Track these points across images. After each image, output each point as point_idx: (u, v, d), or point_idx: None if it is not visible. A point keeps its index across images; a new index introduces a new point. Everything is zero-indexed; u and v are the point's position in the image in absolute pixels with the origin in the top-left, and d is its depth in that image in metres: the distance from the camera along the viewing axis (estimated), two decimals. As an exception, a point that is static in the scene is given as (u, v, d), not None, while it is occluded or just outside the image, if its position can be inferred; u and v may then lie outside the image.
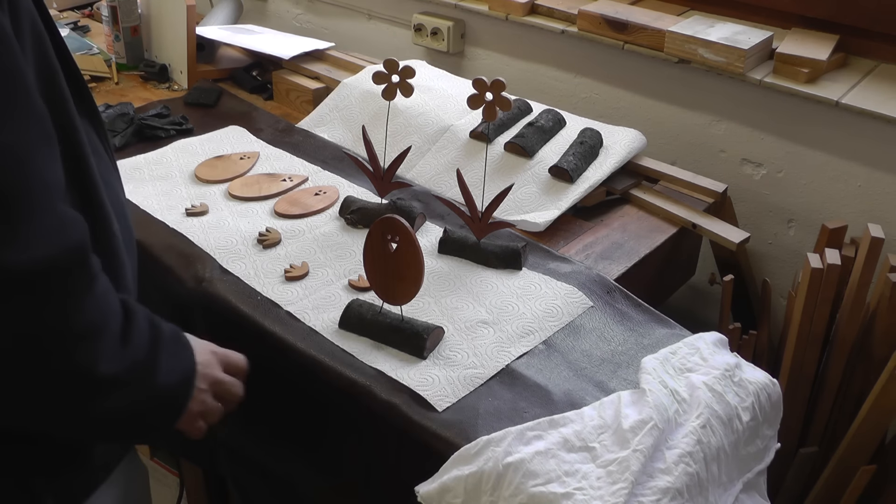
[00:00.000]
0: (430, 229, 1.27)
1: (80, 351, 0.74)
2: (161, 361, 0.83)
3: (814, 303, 1.30)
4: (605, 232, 1.31)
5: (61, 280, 0.71)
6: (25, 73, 0.70)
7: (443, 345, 1.03)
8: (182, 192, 1.36)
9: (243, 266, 1.17)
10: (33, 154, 0.70)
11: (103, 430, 0.83)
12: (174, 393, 0.86)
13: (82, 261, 0.73)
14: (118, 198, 0.89)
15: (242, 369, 0.98)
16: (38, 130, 0.71)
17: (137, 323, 0.81)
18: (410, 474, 0.90)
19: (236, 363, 0.97)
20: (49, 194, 0.71)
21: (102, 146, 0.88)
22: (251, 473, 1.16)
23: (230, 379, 0.95)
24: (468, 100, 1.08)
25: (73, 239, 0.72)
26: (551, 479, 0.84)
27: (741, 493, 0.98)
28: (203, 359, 0.91)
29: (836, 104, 1.39)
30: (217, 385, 0.93)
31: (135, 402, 0.80)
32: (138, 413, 0.81)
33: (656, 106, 1.66)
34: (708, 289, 1.63)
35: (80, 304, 0.73)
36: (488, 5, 1.79)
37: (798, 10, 1.55)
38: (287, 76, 1.75)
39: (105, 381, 0.76)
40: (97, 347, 0.75)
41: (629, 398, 0.91)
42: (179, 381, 0.87)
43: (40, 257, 0.68)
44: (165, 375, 0.83)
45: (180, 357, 0.88)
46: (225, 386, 0.94)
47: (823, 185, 1.49)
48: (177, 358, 0.87)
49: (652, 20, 1.59)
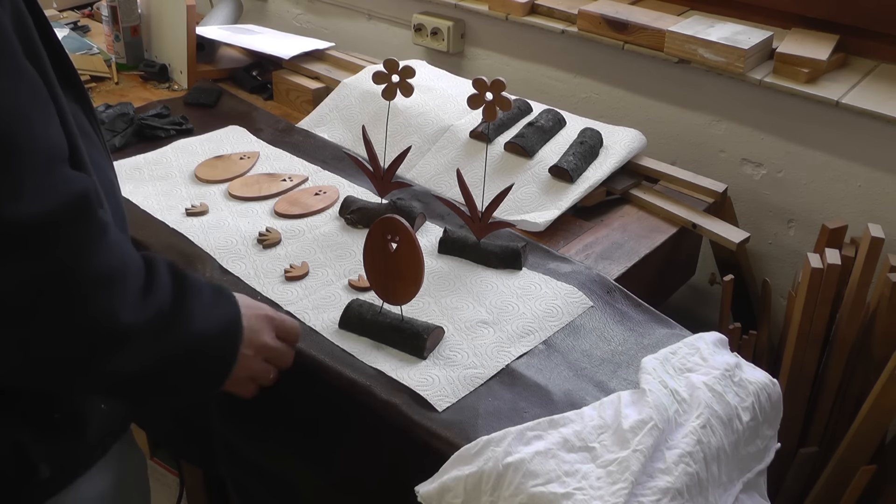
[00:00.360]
0: (430, 229, 1.27)
1: (98, 298, 0.72)
2: (194, 309, 0.81)
3: (814, 303, 1.30)
4: (605, 232, 1.31)
5: (66, 233, 0.70)
6: (12, 37, 0.69)
7: (443, 345, 1.03)
8: (182, 192, 1.36)
9: (243, 266, 1.17)
10: (27, 114, 0.69)
11: (138, 386, 0.81)
12: (215, 342, 0.84)
13: (87, 212, 0.72)
14: (108, 178, 0.88)
15: (295, 336, 0.97)
16: (30, 93, 0.70)
17: (159, 271, 0.79)
18: (410, 474, 0.90)
19: (289, 329, 0.96)
20: (47, 154, 0.70)
21: (91, 127, 0.87)
22: (250, 474, 1.16)
23: (279, 346, 0.94)
24: (468, 100, 1.08)
25: (75, 194, 0.71)
26: (551, 479, 0.84)
27: (741, 493, 0.98)
28: (253, 323, 0.90)
29: (836, 104, 1.39)
30: (266, 351, 0.92)
31: (163, 353, 0.78)
32: (175, 362, 0.80)
33: (656, 106, 1.66)
34: (708, 289, 1.63)
35: (91, 252, 0.72)
36: (488, 5, 1.79)
37: (798, 10, 1.55)
38: (287, 76, 1.75)
39: (129, 331, 0.74)
40: (115, 294, 0.74)
41: (629, 398, 0.91)
42: (220, 330, 0.85)
43: (38, 212, 0.68)
44: (201, 322, 0.82)
45: (221, 306, 0.86)
46: (274, 353, 0.94)
47: (823, 185, 1.49)
48: (217, 307, 0.85)
49: (652, 20, 1.59)
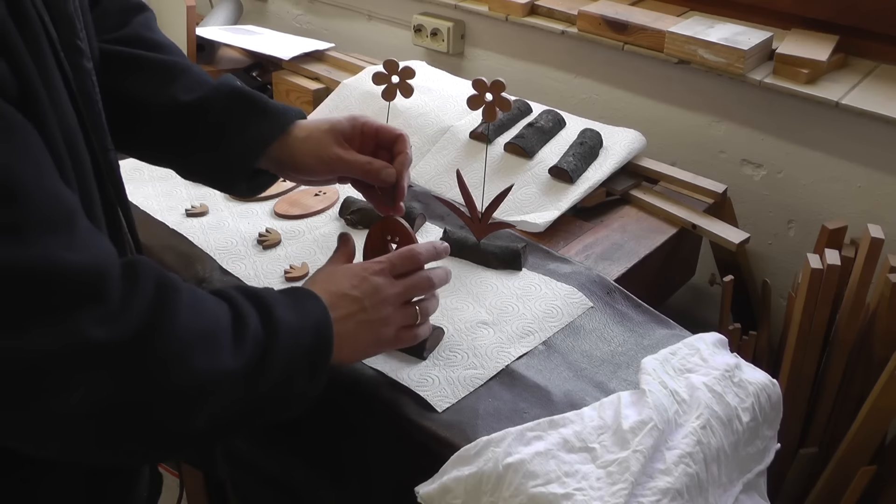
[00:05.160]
0: (429, 230, 1.27)
1: (195, 357, 0.71)
2: (281, 341, 0.78)
3: (814, 303, 1.30)
4: (605, 233, 1.31)
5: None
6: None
7: (443, 345, 1.03)
8: (182, 192, 1.36)
9: (243, 267, 1.18)
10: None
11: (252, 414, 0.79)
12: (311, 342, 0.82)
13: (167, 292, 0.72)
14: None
15: (415, 262, 0.93)
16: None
17: (247, 315, 0.77)
18: (410, 474, 0.90)
19: (405, 258, 0.92)
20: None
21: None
22: (250, 475, 1.16)
23: (403, 288, 0.91)
24: (468, 100, 1.08)
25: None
26: (551, 479, 0.84)
27: (741, 493, 0.98)
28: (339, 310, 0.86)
29: (836, 105, 1.39)
30: (399, 297, 0.90)
31: (259, 392, 0.77)
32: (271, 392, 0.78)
33: (656, 106, 1.66)
34: (708, 289, 1.63)
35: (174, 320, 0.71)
36: (488, 6, 1.79)
37: (798, 10, 1.55)
38: (287, 77, 1.75)
39: (228, 376, 0.74)
40: (210, 351, 0.73)
41: (629, 399, 0.91)
42: (312, 335, 0.82)
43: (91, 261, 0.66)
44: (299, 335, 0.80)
45: (305, 313, 0.83)
46: (411, 292, 0.92)
47: (823, 186, 1.49)
48: (303, 317, 0.83)
49: (652, 21, 1.59)
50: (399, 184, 0.99)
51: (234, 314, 0.77)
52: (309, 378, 0.82)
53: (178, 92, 0.98)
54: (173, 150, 1.01)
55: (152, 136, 1.00)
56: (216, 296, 0.79)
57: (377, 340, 0.90)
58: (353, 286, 0.89)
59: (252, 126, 0.98)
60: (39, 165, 0.65)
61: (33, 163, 0.64)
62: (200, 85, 1.00)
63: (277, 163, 1.00)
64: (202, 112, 0.98)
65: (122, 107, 0.92)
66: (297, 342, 0.80)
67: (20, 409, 0.64)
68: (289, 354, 0.79)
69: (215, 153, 0.99)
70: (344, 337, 0.85)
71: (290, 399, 0.82)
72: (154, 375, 0.69)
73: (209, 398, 0.72)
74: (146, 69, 0.99)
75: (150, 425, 0.70)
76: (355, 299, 0.88)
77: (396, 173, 0.98)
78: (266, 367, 0.76)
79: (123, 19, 1.02)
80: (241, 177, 1.00)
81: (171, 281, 0.73)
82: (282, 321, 0.79)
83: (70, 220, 0.66)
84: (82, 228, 0.67)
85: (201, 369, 0.71)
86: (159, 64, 1.00)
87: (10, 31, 0.65)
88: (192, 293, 0.75)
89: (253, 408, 0.78)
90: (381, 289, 0.90)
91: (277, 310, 0.80)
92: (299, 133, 0.99)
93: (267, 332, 0.78)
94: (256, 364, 0.76)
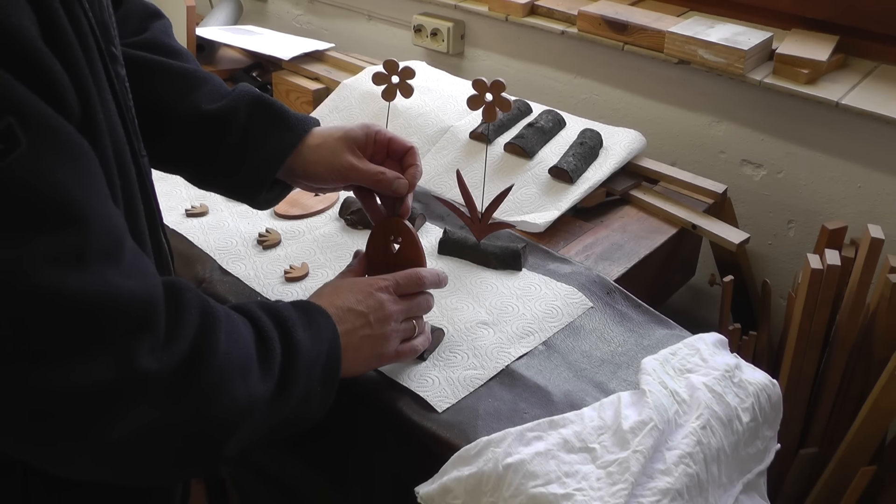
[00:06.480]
0: (429, 230, 1.27)
1: (234, 386, 0.72)
2: (299, 368, 0.80)
3: (814, 303, 1.30)
4: (605, 233, 1.31)
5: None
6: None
7: (442, 346, 1.03)
8: (182, 192, 1.36)
9: (243, 267, 1.17)
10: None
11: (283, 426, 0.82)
12: (326, 359, 0.84)
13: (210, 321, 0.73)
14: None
15: (417, 282, 0.95)
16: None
17: (271, 339, 0.78)
18: (410, 475, 0.90)
19: (409, 279, 0.94)
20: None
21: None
22: (250, 474, 1.16)
23: (406, 306, 0.93)
24: (468, 101, 1.08)
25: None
26: (551, 479, 0.84)
27: (741, 493, 0.98)
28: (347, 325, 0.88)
29: (836, 105, 1.39)
30: (401, 315, 0.92)
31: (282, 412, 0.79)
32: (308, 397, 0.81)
33: (656, 107, 1.66)
34: (708, 289, 1.63)
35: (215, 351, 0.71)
36: (488, 6, 1.79)
37: (798, 10, 1.55)
38: (287, 77, 1.75)
39: (258, 400, 0.75)
40: (242, 380, 0.74)
41: (629, 399, 0.91)
42: (328, 346, 0.84)
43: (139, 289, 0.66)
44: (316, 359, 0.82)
45: (319, 336, 0.85)
46: (412, 312, 0.93)
47: (823, 186, 1.49)
48: (315, 339, 0.84)
49: (652, 21, 1.59)
50: (405, 198, 0.99)
51: (257, 336, 0.78)
52: (323, 395, 0.84)
53: (200, 101, 0.97)
54: (193, 159, 1.00)
55: (173, 144, 0.98)
56: (239, 313, 0.80)
57: (378, 355, 0.92)
58: (359, 301, 0.90)
59: (273, 137, 0.97)
60: (100, 191, 0.64)
61: (95, 189, 0.63)
62: (222, 95, 0.99)
63: (290, 171, 0.99)
64: (225, 123, 0.97)
65: (146, 113, 0.90)
66: (314, 363, 0.82)
67: (77, 439, 0.64)
68: (307, 376, 0.81)
69: (238, 165, 0.98)
70: (348, 350, 0.87)
71: (306, 415, 0.84)
72: (197, 405, 0.69)
73: (241, 424, 0.74)
74: (168, 76, 0.98)
75: (189, 451, 0.71)
76: (360, 314, 0.90)
77: (409, 185, 0.98)
78: (287, 391, 0.78)
79: (143, 25, 1.01)
80: (261, 188, 0.99)
81: (213, 309, 0.74)
82: (300, 344, 0.80)
83: (121, 244, 0.65)
84: (129, 250, 0.66)
85: (237, 397, 0.73)
86: (181, 71, 0.99)
87: (72, 43, 0.62)
88: (228, 320, 0.76)
89: (274, 427, 0.80)
90: (386, 305, 0.91)
91: (297, 333, 0.81)
92: (312, 141, 0.98)
93: (287, 356, 0.79)
94: (280, 389, 0.78)
